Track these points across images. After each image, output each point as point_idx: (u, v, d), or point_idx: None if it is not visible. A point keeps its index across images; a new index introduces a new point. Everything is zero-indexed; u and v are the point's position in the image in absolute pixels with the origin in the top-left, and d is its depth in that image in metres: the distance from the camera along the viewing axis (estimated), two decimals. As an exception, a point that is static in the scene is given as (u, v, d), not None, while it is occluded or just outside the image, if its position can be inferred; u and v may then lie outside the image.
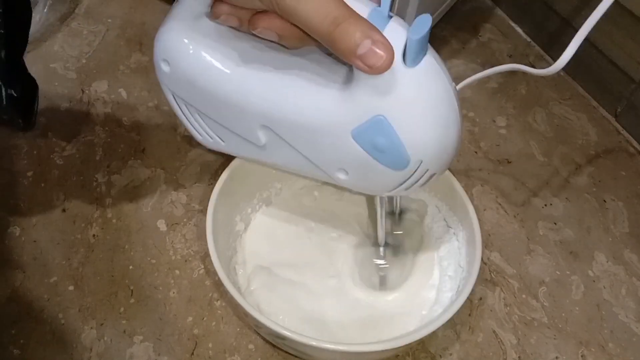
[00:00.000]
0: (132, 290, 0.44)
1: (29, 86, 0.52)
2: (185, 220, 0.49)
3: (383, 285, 0.44)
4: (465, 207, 0.43)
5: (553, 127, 0.58)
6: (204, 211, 0.48)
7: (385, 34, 0.27)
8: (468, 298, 0.38)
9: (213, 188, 0.42)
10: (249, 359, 0.42)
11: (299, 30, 0.28)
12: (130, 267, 0.46)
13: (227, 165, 0.43)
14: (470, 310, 0.45)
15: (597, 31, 0.58)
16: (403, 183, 0.33)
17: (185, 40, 0.33)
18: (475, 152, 0.55)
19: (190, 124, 0.37)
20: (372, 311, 0.43)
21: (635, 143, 0.57)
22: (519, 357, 0.43)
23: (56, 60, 0.60)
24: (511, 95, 0.61)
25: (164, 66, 0.34)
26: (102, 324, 0.42)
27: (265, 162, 0.37)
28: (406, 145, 0.31)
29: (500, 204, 0.52)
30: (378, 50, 0.26)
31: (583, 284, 0.47)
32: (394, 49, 0.27)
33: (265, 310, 0.42)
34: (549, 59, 0.65)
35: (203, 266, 0.46)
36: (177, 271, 0.46)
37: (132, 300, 0.44)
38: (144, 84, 0.58)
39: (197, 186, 0.51)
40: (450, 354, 0.42)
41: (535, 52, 0.65)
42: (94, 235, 0.47)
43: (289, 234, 0.47)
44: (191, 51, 0.33)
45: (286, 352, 0.41)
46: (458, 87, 0.43)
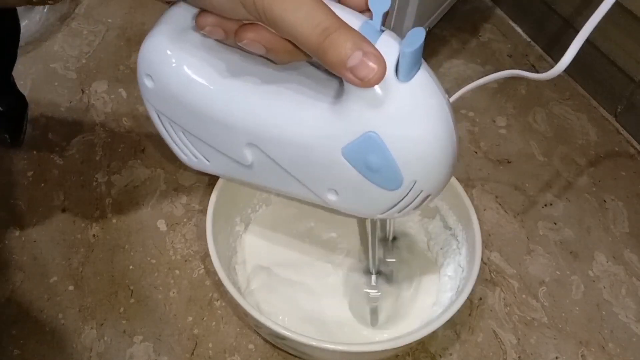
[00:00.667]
0: (132, 290, 0.44)
1: (18, 102, 0.52)
2: (185, 220, 0.49)
3: (374, 320, 0.43)
4: (465, 207, 0.43)
5: (553, 127, 0.58)
6: (204, 211, 0.48)
7: (377, 47, 0.26)
8: (468, 298, 0.38)
9: (213, 188, 0.42)
10: (249, 359, 0.42)
11: (287, 42, 0.27)
12: (130, 267, 0.46)
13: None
14: (470, 310, 0.45)
15: (597, 31, 0.57)
16: (396, 205, 0.31)
17: (169, 53, 0.31)
18: (475, 152, 0.55)
19: (174, 143, 0.35)
20: (373, 311, 0.43)
21: (635, 143, 0.57)
22: (519, 357, 0.43)
23: (56, 60, 0.60)
24: (511, 95, 0.61)
25: (148, 82, 0.32)
26: (102, 324, 0.42)
27: (252, 183, 0.35)
28: (399, 164, 0.29)
29: (500, 204, 0.52)
30: (369, 62, 0.25)
31: (583, 284, 0.47)
32: (386, 62, 0.26)
33: (265, 310, 0.42)
34: (549, 59, 0.65)
35: (203, 266, 0.46)
36: (177, 271, 0.46)
37: (132, 300, 0.44)
38: (144, 84, 0.58)
39: (197, 186, 0.51)
40: (450, 354, 0.42)
41: (535, 52, 0.65)
42: (94, 235, 0.47)
43: (289, 234, 0.47)
44: (174, 65, 0.31)
45: (286, 352, 0.41)
46: (459, 94, 0.42)
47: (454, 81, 0.61)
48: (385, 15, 0.29)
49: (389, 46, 0.27)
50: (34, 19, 0.61)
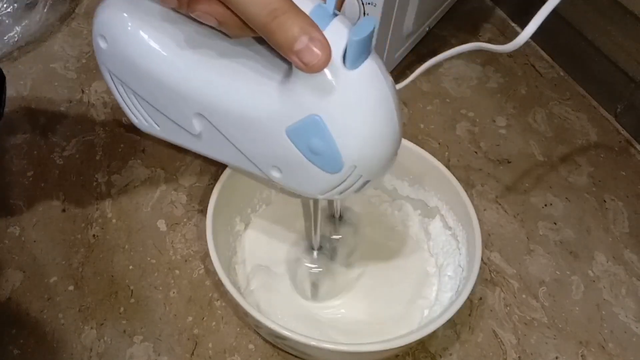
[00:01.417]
0: (132, 290, 0.44)
1: None
2: (185, 220, 0.49)
3: (315, 295, 0.44)
4: (465, 207, 0.43)
5: (553, 127, 0.58)
6: (204, 211, 0.48)
7: (326, 33, 0.26)
8: (468, 298, 0.38)
9: (213, 188, 0.42)
10: (249, 359, 0.42)
11: (239, 18, 0.27)
12: (130, 267, 0.46)
13: (228, 166, 0.43)
14: (470, 310, 0.45)
15: (597, 31, 0.58)
16: (336, 187, 0.32)
17: (124, 16, 0.32)
18: (475, 152, 0.55)
19: (125, 104, 0.36)
20: (373, 311, 0.43)
21: (635, 143, 0.57)
22: (519, 357, 0.43)
23: (56, 60, 0.60)
24: (511, 95, 0.61)
25: (102, 42, 0.33)
26: (102, 324, 0.42)
27: (201, 152, 0.36)
28: (340, 149, 0.30)
29: (500, 204, 0.52)
30: (315, 48, 0.25)
31: (583, 284, 0.47)
32: (334, 49, 0.26)
33: (265, 310, 0.42)
34: (549, 59, 0.65)
35: (203, 266, 0.46)
36: (177, 271, 0.46)
37: (132, 300, 0.44)
38: (144, 84, 0.58)
39: (197, 186, 0.51)
40: (450, 354, 0.42)
41: (534, 52, 0.65)
42: (94, 235, 0.47)
43: (289, 234, 0.47)
44: (129, 28, 0.32)
45: (286, 352, 0.41)
46: (422, 69, 0.43)
47: (454, 81, 0.61)
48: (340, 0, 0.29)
49: (338, 32, 0.27)
50: (34, 19, 0.61)
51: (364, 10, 0.49)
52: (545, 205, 0.52)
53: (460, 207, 0.43)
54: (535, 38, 0.66)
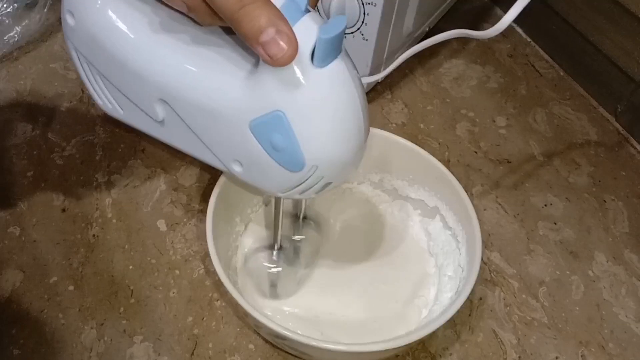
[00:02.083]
0: (132, 290, 0.44)
1: None
2: (185, 220, 0.49)
3: (273, 293, 0.43)
4: (465, 207, 0.43)
5: (553, 127, 0.58)
6: (204, 211, 0.48)
7: (296, 28, 0.26)
8: (468, 298, 0.38)
9: (213, 188, 0.42)
10: (249, 359, 0.42)
11: (208, 5, 0.27)
12: (130, 267, 0.46)
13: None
14: (470, 310, 0.45)
15: (597, 31, 0.58)
16: (297, 186, 0.32)
17: None
18: (475, 152, 0.55)
19: (90, 85, 0.35)
20: (373, 311, 0.43)
21: (635, 143, 0.57)
22: (519, 357, 0.43)
23: (56, 60, 0.60)
24: (511, 95, 0.61)
25: (69, 19, 0.32)
26: (102, 324, 0.42)
27: (163, 140, 0.35)
28: (302, 148, 0.29)
29: (500, 204, 0.52)
30: (281, 41, 0.25)
31: (583, 284, 0.47)
32: (302, 45, 0.26)
33: (265, 310, 0.42)
34: (549, 59, 0.65)
35: (203, 266, 0.46)
36: (177, 271, 0.46)
37: (132, 300, 0.44)
38: (144, 84, 0.58)
39: (197, 186, 0.51)
40: (450, 354, 0.42)
41: (535, 52, 0.65)
42: (94, 235, 0.47)
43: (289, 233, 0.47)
44: (98, 6, 0.31)
45: (286, 352, 0.41)
46: (404, 56, 0.42)
47: (454, 81, 0.61)
48: None
49: (307, 29, 0.27)
50: (34, 19, 0.61)
51: (364, 10, 0.49)
52: (545, 205, 0.52)
53: (460, 207, 0.43)
54: (536, 38, 0.66)
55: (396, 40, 0.56)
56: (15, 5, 0.60)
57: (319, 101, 0.28)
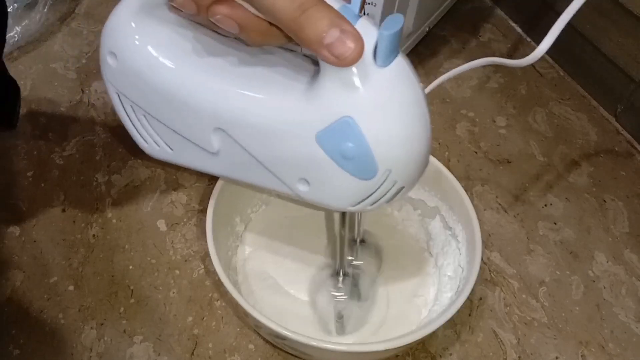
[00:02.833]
0: (132, 290, 0.44)
1: (10, 88, 0.51)
2: (185, 220, 0.49)
3: (340, 329, 0.42)
4: (465, 207, 0.43)
5: (553, 127, 0.58)
6: (204, 211, 0.48)
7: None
8: (468, 298, 0.38)
9: (213, 188, 0.42)
10: (249, 359, 0.42)
11: (261, 21, 0.27)
12: (130, 267, 0.46)
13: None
14: (470, 310, 0.45)
15: (597, 31, 0.58)
16: (369, 196, 0.30)
17: (134, 30, 0.30)
18: (475, 152, 0.55)
19: (134, 128, 0.33)
20: (373, 311, 0.43)
21: (635, 143, 0.57)
22: (519, 357, 0.43)
23: (56, 60, 0.60)
24: (511, 95, 0.61)
25: (110, 60, 0.31)
26: (102, 324, 0.42)
27: (219, 174, 0.34)
28: (374, 152, 0.28)
29: (500, 204, 0.52)
30: (347, 40, 0.25)
31: (583, 284, 0.47)
32: (364, 43, 0.25)
33: (265, 310, 0.42)
34: (549, 59, 0.65)
35: (203, 266, 0.46)
36: (177, 271, 0.46)
37: (132, 300, 0.44)
38: (144, 84, 0.58)
39: (197, 186, 0.51)
40: (450, 354, 0.42)
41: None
42: (94, 235, 0.47)
43: (289, 234, 0.47)
44: (140, 43, 0.30)
45: (286, 352, 0.41)
46: (435, 83, 0.41)
47: (454, 81, 0.61)
48: (364, 1, 0.28)
49: (367, 29, 0.26)
50: (34, 19, 0.61)
51: (364, 11, 0.49)
52: (545, 205, 0.52)
53: (460, 207, 0.43)
54: (535, 38, 0.66)
55: (396, 40, 0.56)
56: (15, 5, 0.60)
57: (387, 101, 0.28)
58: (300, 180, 0.31)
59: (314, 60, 0.31)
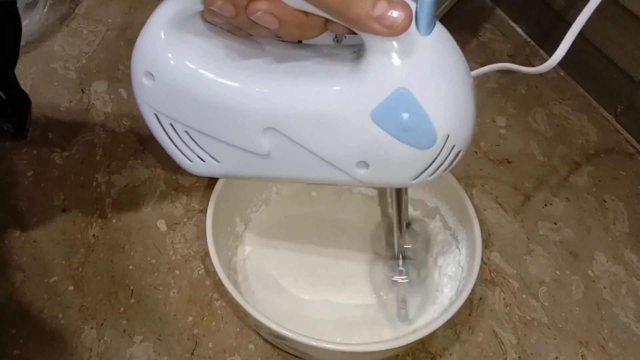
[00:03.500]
0: (132, 290, 0.44)
1: (21, 99, 0.51)
2: (185, 220, 0.49)
3: (404, 314, 0.42)
4: (465, 207, 0.43)
5: (553, 127, 0.58)
6: (204, 211, 0.48)
7: None
8: (468, 298, 0.38)
9: (213, 188, 0.42)
10: (249, 359, 0.42)
11: (300, 14, 0.27)
12: (130, 267, 0.46)
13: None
14: (470, 310, 0.45)
15: (597, 31, 0.58)
16: (429, 166, 0.31)
17: (169, 46, 0.30)
18: (475, 152, 0.55)
19: (176, 147, 0.33)
20: (373, 311, 0.43)
21: (635, 143, 0.57)
22: (519, 357, 0.43)
23: (56, 60, 0.60)
24: (511, 95, 0.61)
25: (147, 81, 0.31)
26: (102, 324, 0.42)
27: (268, 176, 0.33)
28: (432, 118, 0.29)
29: (500, 204, 0.52)
30: (395, 10, 0.25)
31: (583, 284, 0.47)
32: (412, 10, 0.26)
33: (265, 310, 0.42)
34: (549, 59, 0.65)
35: (203, 266, 0.46)
36: (177, 271, 0.46)
37: (132, 300, 0.44)
38: (144, 84, 0.58)
39: (197, 186, 0.51)
40: (450, 354, 0.42)
41: (535, 52, 0.65)
42: (94, 235, 0.47)
43: (289, 233, 0.47)
44: (177, 58, 0.30)
45: (286, 352, 0.41)
46: None
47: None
48: None
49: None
50: (34, 19, 0.61)
51: None
52: (545, 205, 0.52)
53: (460, 207, 0.43)
54: (535, 38, 0.66)
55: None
56: (15, 5, 0.60)
57: (436, 66, 0.28)
58: (359, 164, 0.31)
59: (346, 47, 0.31)
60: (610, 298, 0.46)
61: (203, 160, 0.33)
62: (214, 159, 0.33)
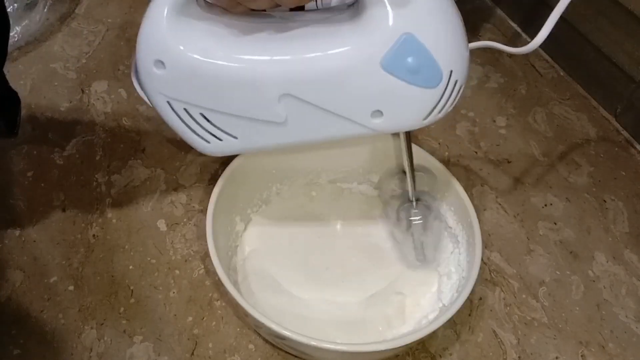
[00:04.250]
0: (132, 290, 0.44)
1: (10, 96, 0.51)
2: (185, 220, 0.49)
3: (420, 254, 0.44)
4: (465, 207, 0.43)
5: (553, 127, 0.58)
6: (204, 211, 0.48)
7: None
8: (468, 298, 0.38)
9: (213, 188, 0.42)
10: (249, 359, 0.42)
11: None
12: (130, 267, 0.46)
13: (227, 165, 0.43)
14: (470, 310, 0.45)
15: (597, 31, 0.58)
16: (438, 103, 0.33)
17: (174, 31, 0.31)
18: (475, 152, 0.55)
19: (192, 131, 0.34)
20: (373, 311, 0.43)
21: (635, 143, 0.57)
22: (519, 357, 0.43)
23: (56, 60, 0.60)
24: (511, 95, 0.61)
25: (157, 69, 0.32)
26: (102, 324, 0.42)
27: (286, 143, 0.35)
28: (436, 57, 0.31)
29: (500, 204, 0.52)
30: None
31: (583, 284, 0.47)
32: None
33: (265, 310, 0.42)
34: (548, 59, 0.65)
35: (203, 266, 0.46)
36: (177, 271, 0.46)
37: (132, 300, 0.44)
38: (144, 84, 0.58)
39: (197, 186, 0.51)
40: (450, 354, 0.42)
41: (535, 52, 0.65)
42: (94, 235, 0.47)
43: (289, 233, 0.47)
44: (183, 42, 0.31)
45: (286, 352, 0.41)
46: None
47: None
48: None
49: None
50: (34, 19, 0.61)
51: None
52: (545, 205, 0.52)
53: (460, 207, 0.43)
54: (535, 37, 0.66)
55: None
56: (15, 5, 0.60)
57: (433, 8, 0.31)
58: (374, 114, 0.33)
59: (332, 9, 0.34)
60: (610, 298, 0.46)
61: (220, 139, 0.35)
62: (232, 135, 0.35)
